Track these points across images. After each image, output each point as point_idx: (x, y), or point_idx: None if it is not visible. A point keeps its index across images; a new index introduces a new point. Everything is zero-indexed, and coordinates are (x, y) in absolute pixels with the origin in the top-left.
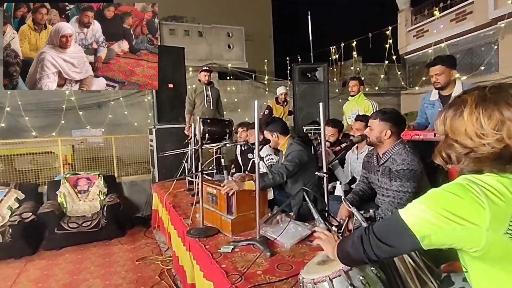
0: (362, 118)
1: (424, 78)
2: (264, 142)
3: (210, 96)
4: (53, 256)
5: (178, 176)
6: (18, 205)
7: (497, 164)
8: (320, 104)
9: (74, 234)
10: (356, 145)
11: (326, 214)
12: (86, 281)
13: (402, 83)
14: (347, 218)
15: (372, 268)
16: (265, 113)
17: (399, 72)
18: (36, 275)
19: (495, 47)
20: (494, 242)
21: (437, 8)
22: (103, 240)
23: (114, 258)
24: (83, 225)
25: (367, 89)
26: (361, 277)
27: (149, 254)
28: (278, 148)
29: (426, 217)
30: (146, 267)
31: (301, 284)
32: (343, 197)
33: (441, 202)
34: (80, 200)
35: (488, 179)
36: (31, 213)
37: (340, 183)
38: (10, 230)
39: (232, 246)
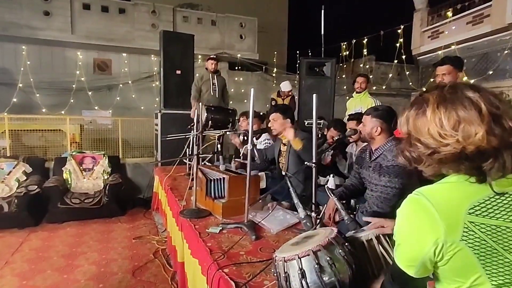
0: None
1: (432, 80)
2: (261, 131)
3: (216, 84)
4: (55, 228)
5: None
6: (25, 178)
7: (454, 165)
8: (314, 95)
9: (76, 210)
10: (356, 139)
11: (313, 203)
12: (84, 253)
13: (410, 83)
14: (334, 210)
15: (340, 251)
16: (272, 104)
17: (407, 73)
18: (38, 245)
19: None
20: (453, 250)
21: (451, 9)
22: (104, 217)
23: (113, 235)
24: (85, 201)
25: (373, 88)
26: (328, 258)
27: (146, 234)
28: (279, 137)
29: (406, 257)
30: (142, 245)
31: (274, 262)
32: (327, 187)
33: (404, 235)
34: (84, 178)
35: (436, 187)
36: (36, 186)
37: (333, 176)
38: (16, 201)
39: (221, 228)
